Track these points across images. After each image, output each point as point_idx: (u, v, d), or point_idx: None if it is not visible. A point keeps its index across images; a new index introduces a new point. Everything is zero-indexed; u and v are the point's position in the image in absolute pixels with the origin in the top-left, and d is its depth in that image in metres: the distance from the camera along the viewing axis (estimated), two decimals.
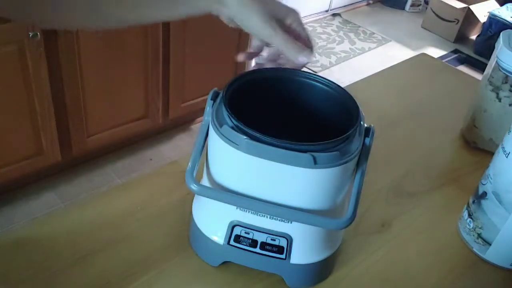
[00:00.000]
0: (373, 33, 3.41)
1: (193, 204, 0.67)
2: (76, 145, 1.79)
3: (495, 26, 3.09)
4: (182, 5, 0.61)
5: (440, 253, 0.73)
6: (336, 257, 0.67)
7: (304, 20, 3.05)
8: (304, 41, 0.62)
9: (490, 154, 0.73)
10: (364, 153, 0.59)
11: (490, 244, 0.70)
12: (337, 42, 3.23)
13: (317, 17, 3.47)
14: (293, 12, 0.63)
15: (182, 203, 0.72)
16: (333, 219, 0.57)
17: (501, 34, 0.86)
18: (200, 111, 2.17)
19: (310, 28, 3.33)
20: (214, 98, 0.60)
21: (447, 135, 0.98)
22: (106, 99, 1.79)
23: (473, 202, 0.73)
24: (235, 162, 0.55)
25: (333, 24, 3.45)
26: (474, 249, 0.73)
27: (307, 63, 0.62)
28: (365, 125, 0.60)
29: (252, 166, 0.54)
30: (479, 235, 0.71)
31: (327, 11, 3.54)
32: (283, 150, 0.52)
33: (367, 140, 0.58)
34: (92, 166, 1.96)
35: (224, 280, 0.64)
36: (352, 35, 3.35)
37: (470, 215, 0.73)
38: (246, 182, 0.56)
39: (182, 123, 2.20)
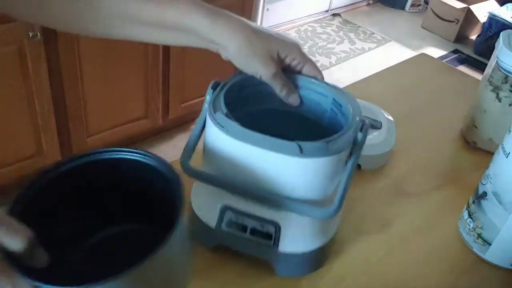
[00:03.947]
0: (373, 33, 3.41)
1: (192, 190, 0.68)
2: (76, 145, 1.79)
3: (495, 26, 3.09)
4: (178, 33, 0.60)
5: (440, 253, 0.73)
6: (328, 250, 0.67)
7: (303, 21, 3.03)
8: (309, 71, 0.64)
9: (490, 154, 0.73)
10: (356, 147, 0.59)
11: (490, 244, 0.70)
12: (337, 42, 3.23)
13: (317, 17, 3.47)
14: (293, 48, 0.63)
15: None
16: (318, 208, 0.57)
17: (501, 34, 0.86)
18: (200, 112, 2.16)
19: (310, 29, 3.33)
20: (214, 88, 0.61)
21: (447, 135, 0.98)
22: (106, 99, 1.79)
23: (473, 202, 0.73)
24: (227, 148, 0.57)
25: (333, 24, 3.45)
26: (474, 249, 0.73)
27: (295, 105, 0.65)
28: (360, 121, 0.60)
29: (242, 152, 0.55)
30: (479, 235, 0.71)
31: (327, 11, 3.53)
32: (271, 138, 0.53)
33: (359, 135, 0.59)
34: None
35: (219, 262, 0.65)
36: (352, 35, 3.35)
37: (470, 215, 0.73)
38: (237, 169, 0.57)
39: (182, 123, 2.20)
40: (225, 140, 0.56)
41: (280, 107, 0.66)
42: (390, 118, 0.91)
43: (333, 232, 0.66)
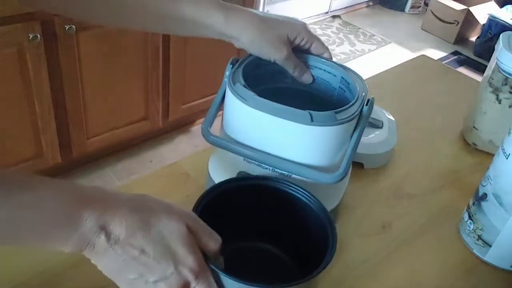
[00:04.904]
0: (373, 35, 3.41)
1: (210, 157, 0.73)
2: (76, 147, 1.79)
3: (494, 27, 3.09)
4: (195, 28, 0.65)
5: (441, 255, 0.73)
6: (334, 217, 0.70)
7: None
8: (317, 48, 0.69)
9: (490, 155, 0.73)
10: (362, 119, 0.63)
11: (490, 246, 0.70)
12: (337, 44, 3.23)
13: (317, 19, 3.48)
14: (301, 28, 0.68)
15: (182, 204, 0.72)
16: (324, 173, 0.61)
17: (501, 35, 0.86)
18: (200, 113, 2.17)
19: None
20: (233, 63, 0.66)
21: (447, 136, 0.98)
22: (106, 100, 1.79)
23: (473, 203, 0.73)
24: (244, 117, 0.61)
25: (333, 26, 3.45)
26: (475, 251, 0.73)
27: (308, 82, 0.70)
28: (368, 97, 0.65)
29: (258, 120, 0.60)
30: (480, 237, 0.71)
31: (327, 12, 3.54)
32: (285, 106, 0.58)
33: (365, 108, 0.63)
34: (92, 168, 1.96)
35: None
36: (352, 37, 3.35)
37: (470, 217, 0.73)
38: (253, 136, 0.62)
39: (182, 125, 2.20)
40: (243, 109, 0.60)
41: (293, 85, 0.71)
42: (391, 118, 0.91)
43: (339, 199, 0.70)
